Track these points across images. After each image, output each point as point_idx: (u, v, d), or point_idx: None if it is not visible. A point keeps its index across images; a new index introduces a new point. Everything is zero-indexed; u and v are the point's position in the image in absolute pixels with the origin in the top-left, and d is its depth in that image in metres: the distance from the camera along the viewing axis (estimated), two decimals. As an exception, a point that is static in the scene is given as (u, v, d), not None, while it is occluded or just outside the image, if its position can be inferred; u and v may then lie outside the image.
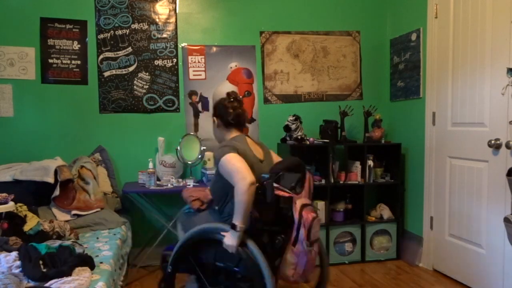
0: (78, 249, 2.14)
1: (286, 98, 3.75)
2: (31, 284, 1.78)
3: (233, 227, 1.94)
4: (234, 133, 2.27)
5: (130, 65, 3.45)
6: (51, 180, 2.80)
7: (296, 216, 1.96)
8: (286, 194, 1.98)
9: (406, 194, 3.65)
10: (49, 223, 2.51)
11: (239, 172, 1.94)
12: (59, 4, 3.31)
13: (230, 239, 1.96)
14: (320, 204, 3.44)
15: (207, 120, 3.59)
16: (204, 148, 3.38)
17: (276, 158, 2.37)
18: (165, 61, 3.51)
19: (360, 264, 3.49)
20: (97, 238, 2.59)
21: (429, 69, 3.30)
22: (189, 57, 3.56)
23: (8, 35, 3.23)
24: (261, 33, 3.68)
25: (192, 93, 3.57)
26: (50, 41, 3.31)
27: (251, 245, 1.97)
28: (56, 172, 2.84)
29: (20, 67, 3.25)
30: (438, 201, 3.26)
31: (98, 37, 3.39)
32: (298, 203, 1.99)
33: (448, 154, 3.14)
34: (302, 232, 1.94)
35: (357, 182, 3.49)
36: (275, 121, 3.66)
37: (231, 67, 3.64)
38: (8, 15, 3.23)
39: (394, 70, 3.76)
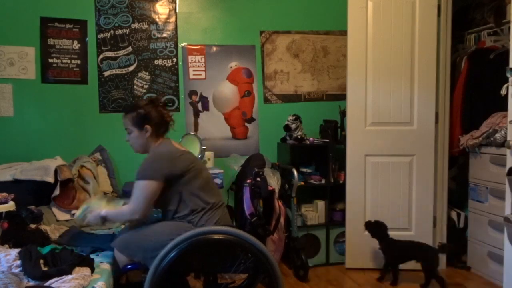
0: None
1: (286, 98, 3.75)
2: (31, 283, 1.78)
3: None
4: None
5: (130, 65, 3.45)
6: (51, 179, 2.80)
7: (277, 206, 2.06)
8: (271, 188, 2.07)
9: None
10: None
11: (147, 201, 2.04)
12: (59, 4, 3.30)
13: None
14: (320, 204, 3.44)
15: (207, 120, 3.59)
16: (204, 147, 3.37)
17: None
18: (165, 60, 3.51)
19: (360, 263, 3.48)
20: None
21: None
22: (189, 57, 3.56)
23: (8, 34, 3.22)
24: (261, 32, 3.68)
25: (192, 93, 3.58)
26: (50, 41, 3.31)
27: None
28: (56, 171, 2.84)
29: (20, 67, 3.25)
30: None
31: (98, 37, 3.39)
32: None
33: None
34: (281, 221, 2.08)
35: (357, 182, 3.49)
36: (275, 120, 3.66)
37: (231, 67, 3.64)
38: (8, 15, 3.22)
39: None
